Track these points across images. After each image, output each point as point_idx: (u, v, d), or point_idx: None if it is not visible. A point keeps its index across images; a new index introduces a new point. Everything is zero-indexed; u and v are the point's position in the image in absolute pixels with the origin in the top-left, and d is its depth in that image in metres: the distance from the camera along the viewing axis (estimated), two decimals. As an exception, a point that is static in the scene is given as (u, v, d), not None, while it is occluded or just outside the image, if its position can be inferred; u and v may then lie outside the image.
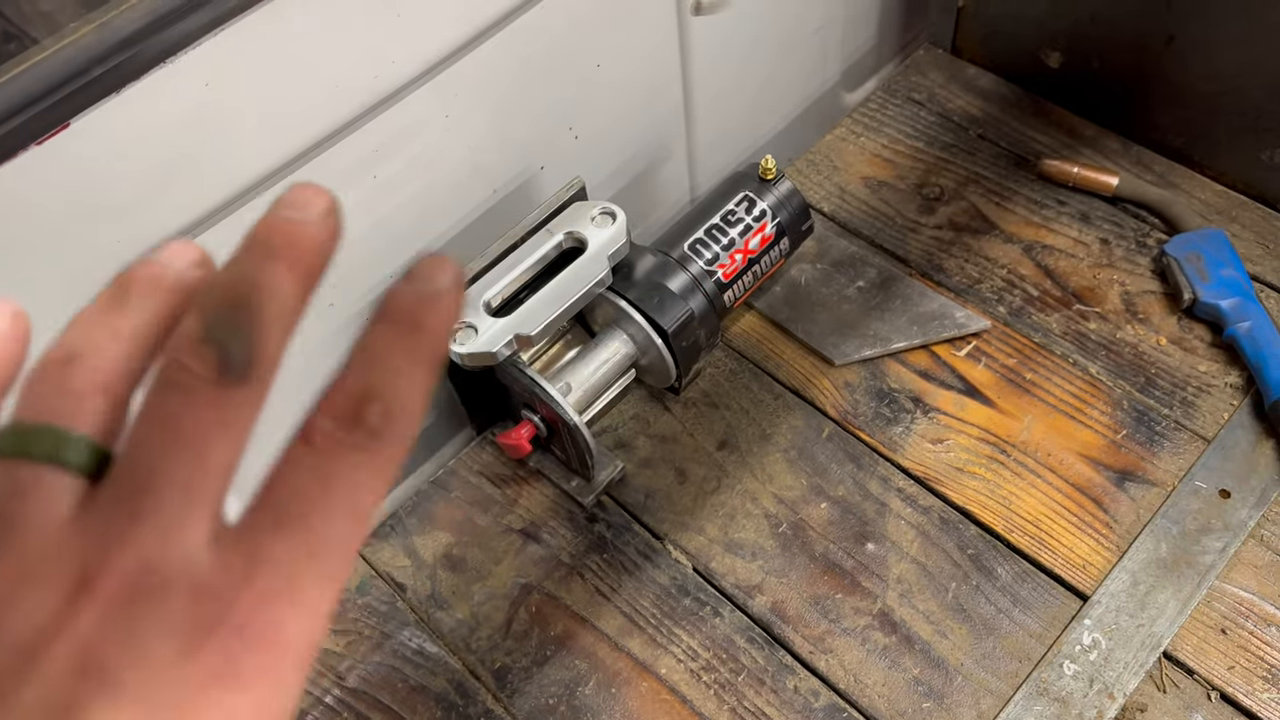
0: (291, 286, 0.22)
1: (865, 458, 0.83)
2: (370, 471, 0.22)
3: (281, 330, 0.22)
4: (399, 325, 0.23)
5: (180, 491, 0.21)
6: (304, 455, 0.22)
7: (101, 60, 0.53)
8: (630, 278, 0.80)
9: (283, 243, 0.22)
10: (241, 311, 0.21)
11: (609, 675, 0.74)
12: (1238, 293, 0.85)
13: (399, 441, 0.22)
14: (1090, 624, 0.73)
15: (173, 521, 0.21)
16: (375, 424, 0.22)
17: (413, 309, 0.23)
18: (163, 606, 0.20)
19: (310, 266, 0.23)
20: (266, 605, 0.21)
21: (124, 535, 0.20)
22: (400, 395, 0.22)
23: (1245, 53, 0.88)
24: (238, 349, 0.21)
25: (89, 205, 0.55)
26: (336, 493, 0.22)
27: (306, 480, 0.22)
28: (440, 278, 0.23)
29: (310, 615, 0.21)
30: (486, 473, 0.85)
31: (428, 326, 0.23)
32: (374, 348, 0.23)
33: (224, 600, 0.21)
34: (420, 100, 0.68)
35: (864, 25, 1.06)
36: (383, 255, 0.74)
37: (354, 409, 0.22)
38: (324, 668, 0.76)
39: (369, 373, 0.22)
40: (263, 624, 0.21)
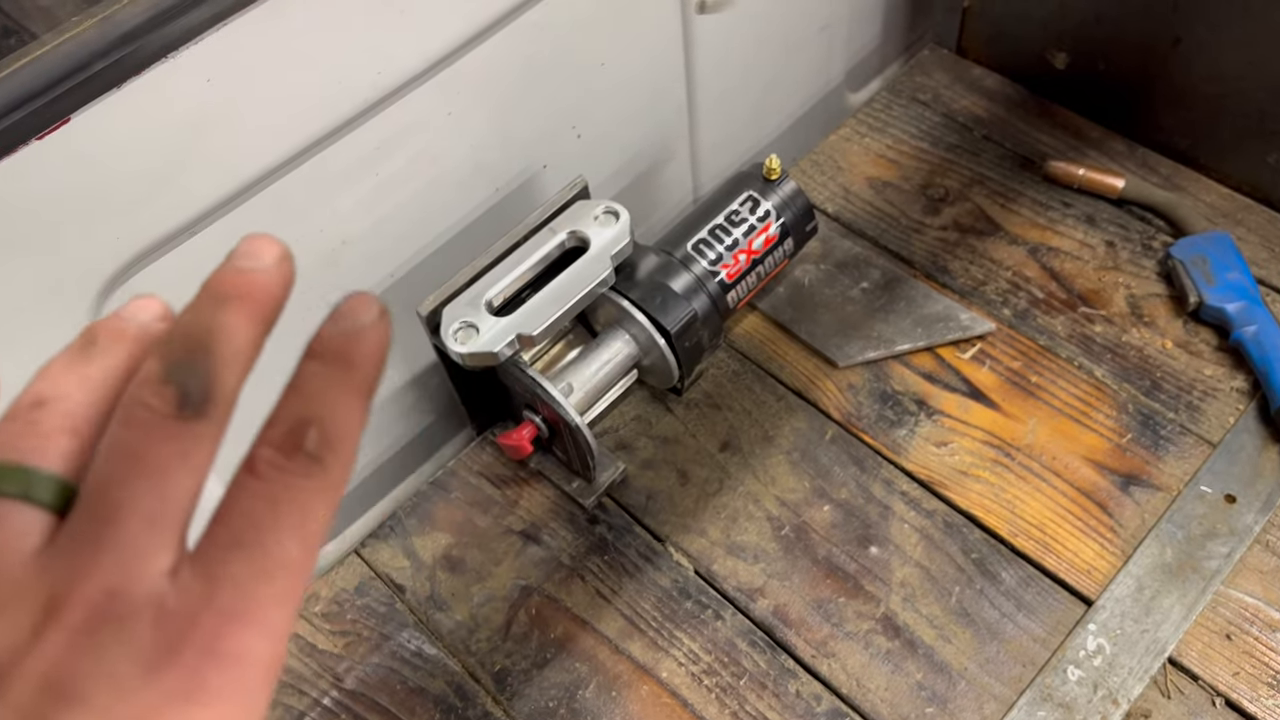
0: (246, 329, 0.24)
1: (869, 460, 0.82)
2: (314, 494, 0.23)
3: (236, 369, 0.24)
4: (327, 361, 0.25)
5: (142, 520, 0.22)
6: (250, 483, 0.23)
7: (103, 55, 0.52)
8: (633, 278, 0.79)
9: (235, 291, 0.24)
10: (198, 353, 0.23)
11: (609, 678, 0.73)
12: (1244, 296, 0.85)
13: (339, 465, 0.24)
14: (1095, 629, 0.73)
15: (136, 549, 0.22)
16: (313, 449, 0.23)
17: (339, 345, 0.25)
18: (127, 629, 0.21)
19: (263, 311, 0.24)
20: (226, 625, 0.22)
21: (89, 563, 0.22)
22: (335, 421, 0.24)
23: (1251, 55, 0.88)
24: (195, 386, 0.23)
25: (90, 201, 0.55)
26: (285, 516, 0.23)
27: (256, 506, 0.23)
28: (364, 314, 0.25)
29: (269, 635, 0.23)
30: (487, 474, 0.85)
31: (355, 359, 0.25)
32: (306, 383, 0.24)
33: (185, 621, 0.22)
34: (423, 98, 0.68)
35: (868, 25, 1.06)
36: (384, 254, 0.73)
37: (292, 437, 0.24)
38: (322, 669, 0.76)
39: (303, 404, 0.24)
40: (224, 643, 0.22)
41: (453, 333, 0.72)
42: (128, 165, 0.55)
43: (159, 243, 0.59)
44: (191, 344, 0.23)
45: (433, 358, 0.82)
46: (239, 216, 0.62)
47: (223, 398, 0.23)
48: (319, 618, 0.78)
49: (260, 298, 0.24)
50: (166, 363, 0.23)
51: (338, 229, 0.69)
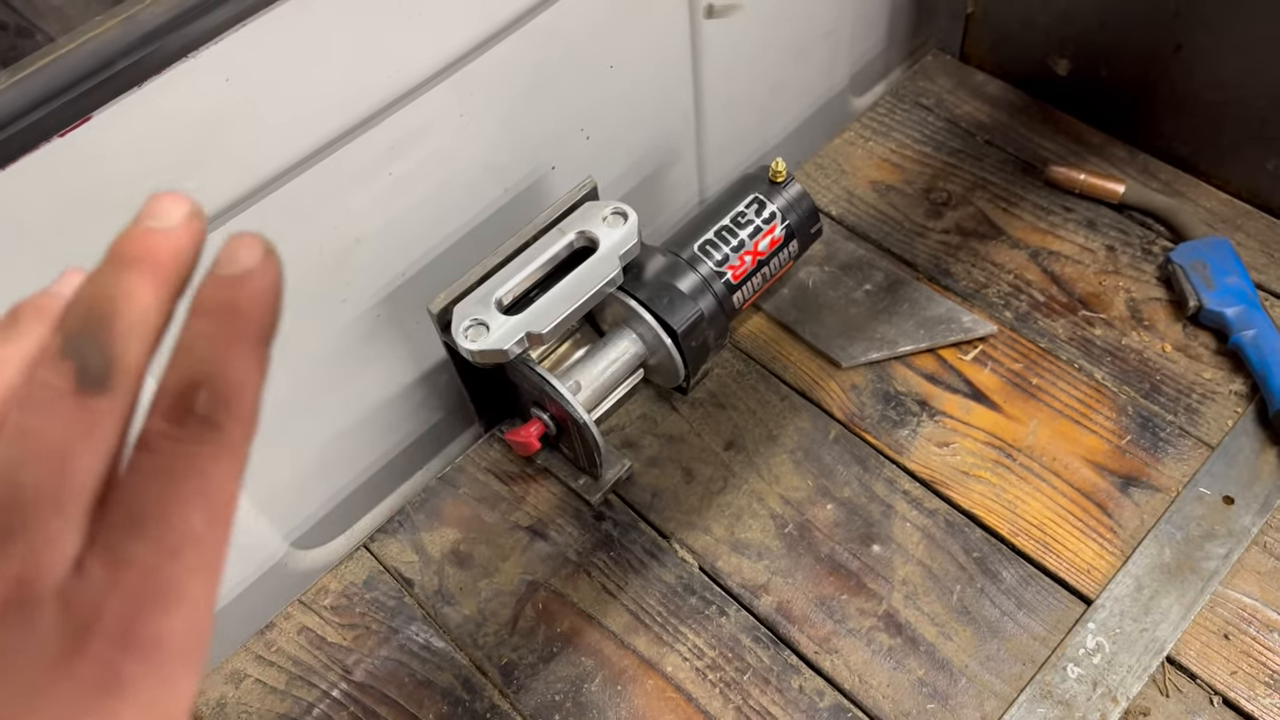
0: (149, 294, 0.22)
1: (871, 460, 0.83)
2: (215, 461, 0.22)
3: (140, 340, 0.22)
4: (211, 314, 0.22)
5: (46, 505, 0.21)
6: (145, 460, 0.22)
7: (125, 54, 0.53)
8: (640, 278, 0.80)
9: (138, 253, 0.22)
10: (97, 323, 0.21)
11: (615, 672, 0.74)
12: (1243, 301, 0.86)
13: (237, 425, 0.22)
14: (1094, 628, 0.74)
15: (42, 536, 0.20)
16: (205, 412, 0.22)
17: (223, 294, 0.22)
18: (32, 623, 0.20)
19: (170, 274, 0.22)
20: (138, 609, 0.21)
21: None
22: (226, 379, 0.22)
23: (1252, 62, 0.89)
24: (94, 360, 0.21)
25: (109, 197, 0.55)
26: (184, 488, 0.21)
27: (152, 481, 0.21)
28: (245, 256, 0.23)
29: (188, 611, 0.21)
30: (494, 470, 0.86)
31: (241, 306, 0.22)
32: (191, 342, 0.22)
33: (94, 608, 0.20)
34: (436, 98, 0.69)
35: (872, 30, 1.07)
36: (396, 252, 0.74)
37: (181, 402, 0.22)
38: (331, 661, 0.77)
39: (190, 366, 0.22)
40: (135, 628, 0.21)
41: (463, 330, 0.73)
42: (147, 163, 0.56)
43: (176, 239, 0.60)
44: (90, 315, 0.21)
45: (441, 355, 0.83)
46: (254, 215, 0.63)
47: (126, 370, 0.21)
48: (328, 611, 0.79)
49: (166, 259, 0.22)
50: (64, 336, 0.21)
51: (351, 228, 0.70)
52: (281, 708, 0.75)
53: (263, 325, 0.22)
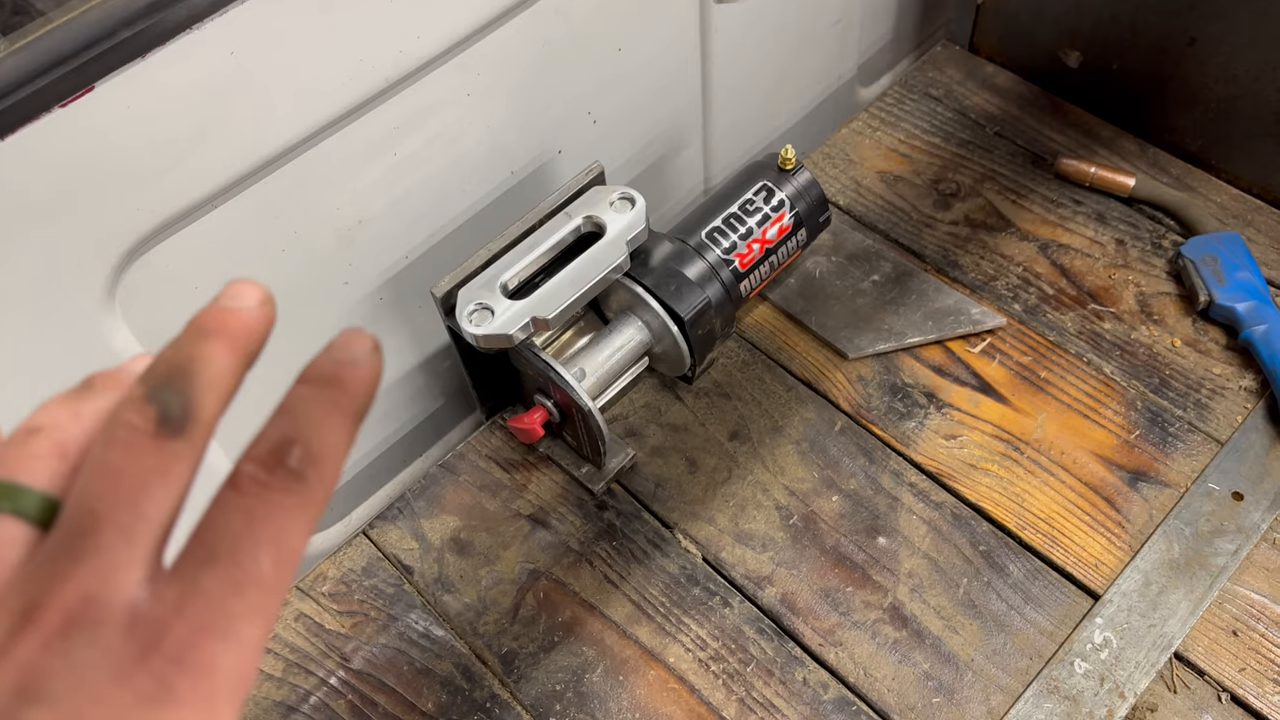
0: (225, 359, 0.25)
1: (878, 452, 0.82)
2: (293, 511, 0.24)
3: (216, 395, 0.25)
4: (318, 384, 0.25)
5: (120, 533, 0.23)
6: (231, 498, 0.24)
7: (128, 24, 0.52)
8: (647, 264, 0.79)
9: (218, 326, 0.25)
10: (179, 377, 0.24)
11: (616, 663, 0.74)
12: (1254, 296, 0.85)
13: (320, 483, 0.24)
14: (1101, 623, 0.73)
15: (111, 560, 0.23)
16: (295, 467, 0.24)
17: (332, 370, 0.25)
18: (99, 635, 0.22)
19: (243, 345, 0.25)
20: (198, 635, 0.22)
21: (66, 573, 0.23)
22: (320, 440, 0.24)
23: (1266, 56, 0.88)
24: (175, 406, 0.24)
25: (111, 170, 0.54)
26: (262, 531, 0.23)
27: (234, 520, 0.23)
28: (358, 347, 0.26)
29: (240, 647, 0.23)
30: (496, 457, 0.85)
31: (346, 384, 0.25)
32: (294, 404, 0.25)
33: (158, 629, 0.22)
34: (443, 78, 0.68)
35: (881, 20, 1.06)
36: (400, 234, 0.73)
37: (276, 454, 0.24)
38: (329, 649, 0.76)
39: (290, 423, 0.24)
40: (194, 652, 0.22)
41: (468, 314, 0.71)
42: (149, 136, 0.55)
43: (177, 216, 0.59)
44: (173, 369, 0.24)
45: (443, 341, 0.82)
46: (258, 192, 0.62)
47: (202, 419, 0.24)
48: (326, 598, 0.78)
49: (241, 334, 0.25)
50: (149, 385, 0.24)
51: (355, 208, 0.69)
52: (278, 695, 0.74)
53: (359, 404, 0.25)
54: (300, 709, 0.73)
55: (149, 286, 0.60)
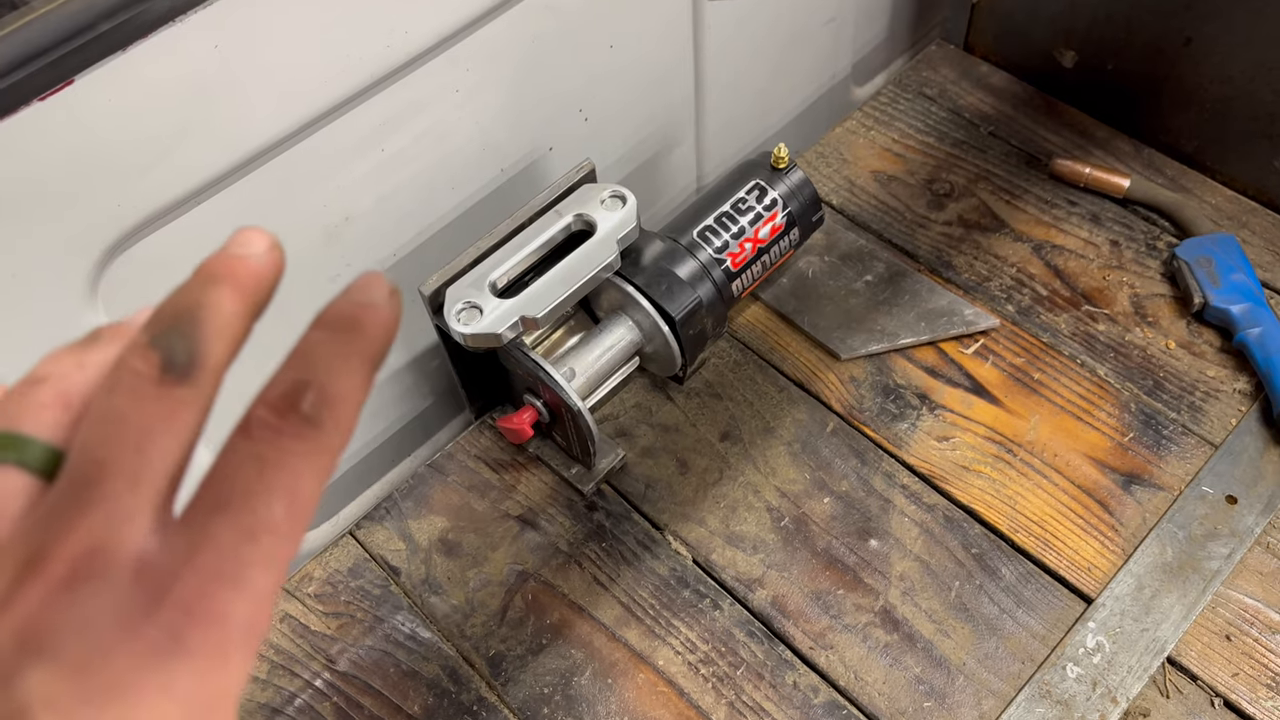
0: (233, 305, 0.24)
1: (870, 453, 0.82)
2: (307, 457, 0.23)
3: (223, 341, 0.24)
4: (334, 328, 0.24)
5: (125, 480, 0.22)
6: (242, 444, 0.23)
7: (108, 16, 0.51)
8: (638, 263, 0.78)
9: (225, 271, 0.24)
10: (185, 322, 0.23)
11: (605, 665, 0.73)
12: (1248, 298, 0.85)
13: (336, 429, 0.23)
14: (1094, 627, 0.72)
15: (118, 508, 0.22)
16: (309, 411, 0.23)
17: (349, 313, 0.24)
18: (106, 585, 0.21)
19: (251, 292, 0.25)
20: (209, 584, 0.22)
21: (71, 522, 0.22)
22: (335, 385, 0.23)
23: (1262, 57, 0.88)
24: (181, 351, 0.23)
25: (91, 165, 0.53)
26: (275, 477, 0.23)
27: (245, 467, 0.23)
28: (376, 290, 0.25)
29: (253, 596, 0.22)
30: (485, 458, 0.84)
31: (363, 327, 0.24)
32: (309, 347, 0.24)
33: (167, 578, 0.22)
34: (431, 73, 0.67)
35: (876, 19, 1.05)
36: (388, 231, 0.72)
37: (289, 398, 0.23)
38: (314, 650, 0.75)
39: (304, 367, 0.24)
40: (205, 601, 0.22)
41: (456, 313, 0.71)
42: (130, 131, 0.54)
43: (160, 212, 0.58)
44: (179, 315, 0.24)
45: (432, 339, 0.81)
46: (242, 188, 0.61)
47: (209, 365, 0.23)
48: (312, 599, 0.77)
49: (249, 280, 0.25)
50: (154, 332, 0.23)
51: (342, 205, 0.68)
52: (263, 697, 0.73)
53: (377, 348, 0.24)
54: (285, 711, 0.72)
55: (132, 282, 0.59)
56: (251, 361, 0.28)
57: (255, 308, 0.25)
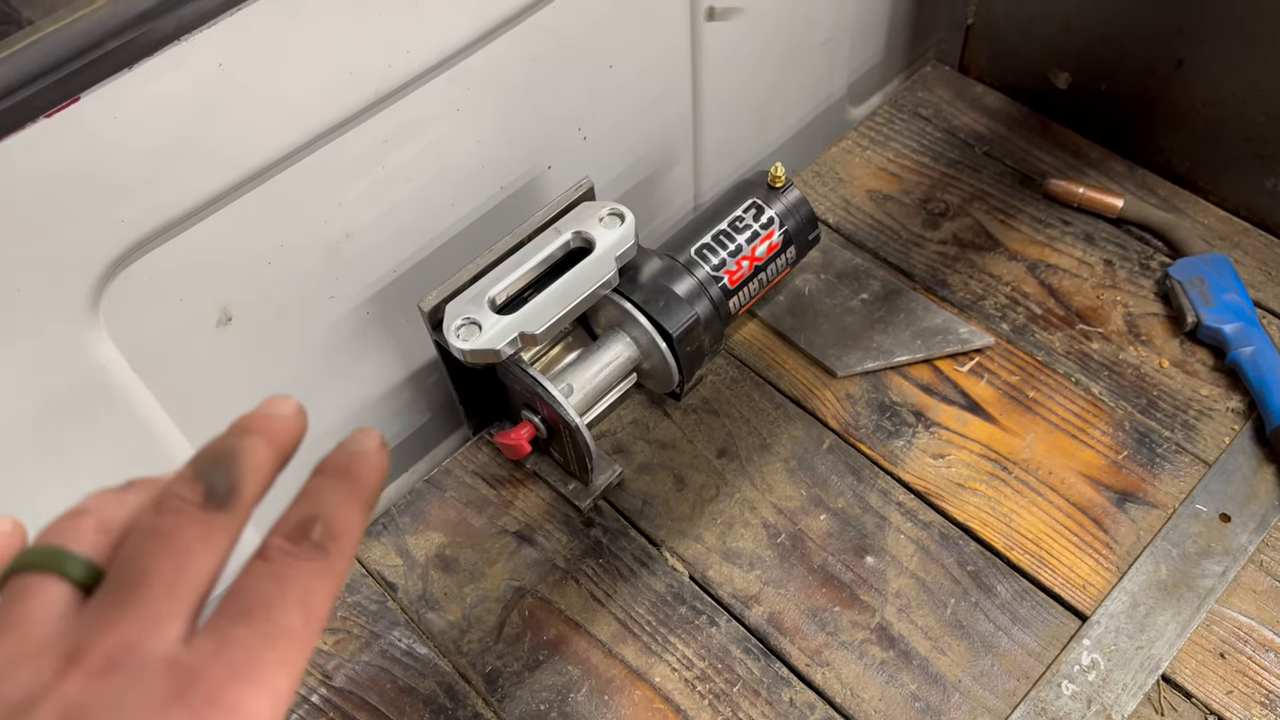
0: (265, 453, 0.29)
1: (866, 470, 0.82)
2: (318, 577, 0.27)
3: (256, 480, 0.28)
4: (333, 474, 0.29)
5: (163, 590, 0.25)
6: (261, 567, 0.27)
7: (115, 35, 0.52)
8: (636, 280, 0.79)
9: (260, 427, 0.29)
10: (224, 461, 0.28)
11: (602, 682, 0.73)
12: (1241, 318, 0.85)
13: (341, 555, 0.28)
14: (1089, 644, 0.72)
15: (155, 612, 0.25)
16: (318, 539, 0.27)
17: (345, 462, 0.29)
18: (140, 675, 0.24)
19: (280, 444, 0.29)
20: (233, 679, 0.24)
21: (111, 622, 0.25)
22: (339, 519, 0.28)
23: (1253, 79, 0.89)
24: (221, 484, 0.27)
25: (97, 181, 0.54)
26: (291, 591, 0.26)
27: (265, 583, 0.26)
28: (367, 442, 0.30)
29: (270, 693, 0.25)
30: (482, 473, 0.84)
31: (358, 474, 0.29)
32: (314, 489, 0.29)
33: (194, 674, 0.24)
34: (432, 92, 0.68)
35: (872, 40, 1.07)
36: (388, 248, 0.73)
37: (301, 529, 0.27)
38: (311, 666, 0.75)
39: (311, 505, 0.28)
40: (229, 695, 0.24)
41: (455, 329, 0.71)
42: (135, 147, 0.55)
43: (164, 228, 0.59)
44: (219, 456, 0.28)
45: (430, 355, 0.81)
46: (244, 205, 0.62)
47: (244, 498, 0.28)
48: (309, 614, 0.77)
49: (279, 435, 0.29)
50: (197, 467, 0.28)
51: (342, 221, 0.68)
52: (259, 712, 0.73)
53: (371, 491, 0.29)
54: (281, 727, 0.72)
55: (134, 298, 0.59)
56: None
57: (282, 458, 0.29)
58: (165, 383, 0.64)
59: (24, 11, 1.00)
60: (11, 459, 0.58)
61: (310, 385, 0.73)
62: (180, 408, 0.65)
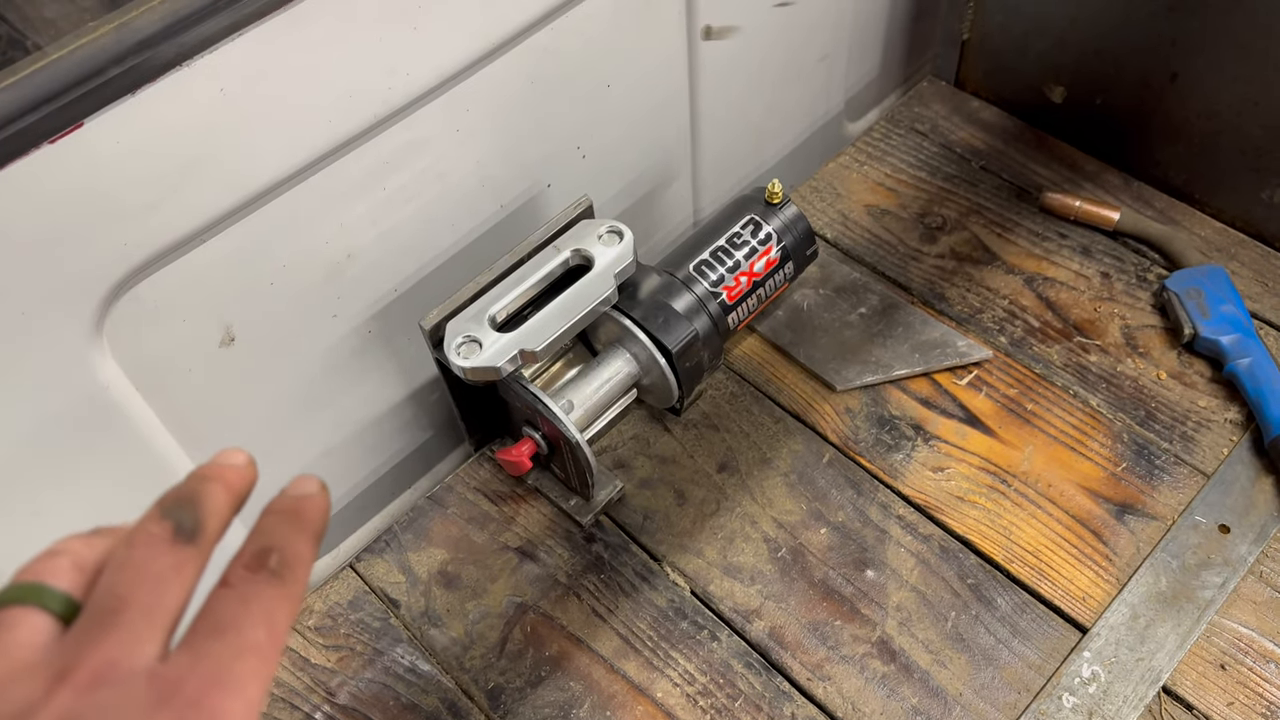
0: (223, 496, 0.32)
1: (865, 484, 0.82)
2: (277, 598, 0.30)
3: (218, 519, 0.31)
4: (283, 513, 0.32)
5: (142, 614, 0.28)
6: (225, 592, 0.29)
7: (118, 61, 0.52)
8: (635, 297, 0.79)
9: (216, 474, 0.33)
10: (188, 502, 0.31)
11: (604, 698, 0.73)
12: (1238, 329, 0.86)
13: (295, 580, 0.30)
14: (1090, 656, 0.73)
15: (133, 634, 0.27)
16: (275, 567, 0.30)
17: (291, 504, 0.32)
18: (124, 687, 0.26)
19: (235, 489, 0.33)
20: (209, 688, 0.27)
21: (94, 643, 0.27)
22: (292, 550, 0.31)
23: (1247, 91, 0.89)
24: (187, 520, 0.30)
25: (100, 206, 0.55)
26: (255, 610, 0.29)
27: (232, 604, 0.29)
28: (308, 486, 0.33)
29: (245, 701, 0.27)
30: (484, 490, 0.85)
31: (304, 511, 0.32)
32: (266, 527, 0.32)
33: (174, 683, 0.27)
34: (432, 114, 0.68)
35: (868, 56, 1.07)
36: (389, 267, 0.73)
37: (258, 559, 0.30)
38: (314, 683, 0.75)
39: (266, 538, 0.31)
40: (209, 700, 0.27)
41: (456, 347, 0.72)
42: (139, 172, 0.55)
43: (166, 250, 0.59)
44: (183, 498, 0.31)
45: (431, 373, 0.82)
46: (246, 227, 0.62)
47: (208, 534, 0.31)
48: (312, 631, 0.78)
49: (234, 481, 0.33)
50: (163, 508, 0.31)
51: (344, 242, 0.69)
52: (263, 730, 0.73)
53: (316, 528, 0.32)
54: (284, 745, 0.72)
55: (137, 319, 0.60)
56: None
57: (237, 501, 0.33)
58: (168, 402, 0.64)
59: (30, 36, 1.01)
60: (15, 478, 0.59)
61: (312, 403, 0.74)
62: (183, 427, 0.66)
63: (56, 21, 1.03)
